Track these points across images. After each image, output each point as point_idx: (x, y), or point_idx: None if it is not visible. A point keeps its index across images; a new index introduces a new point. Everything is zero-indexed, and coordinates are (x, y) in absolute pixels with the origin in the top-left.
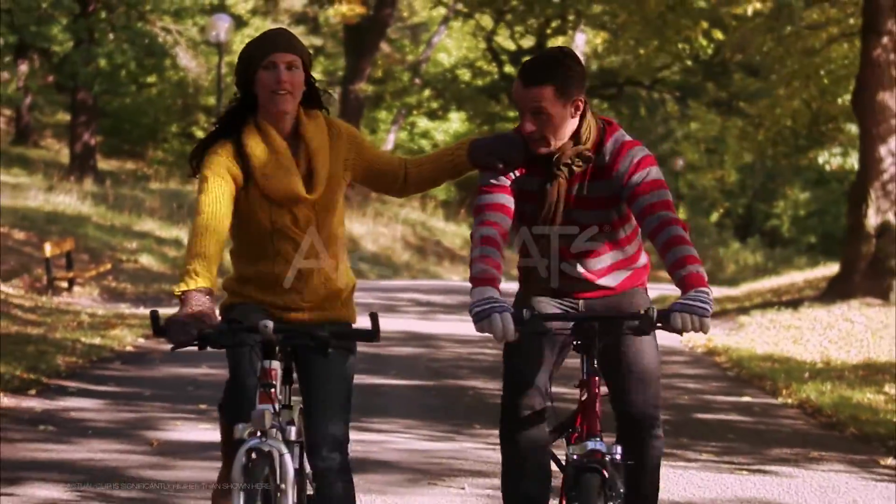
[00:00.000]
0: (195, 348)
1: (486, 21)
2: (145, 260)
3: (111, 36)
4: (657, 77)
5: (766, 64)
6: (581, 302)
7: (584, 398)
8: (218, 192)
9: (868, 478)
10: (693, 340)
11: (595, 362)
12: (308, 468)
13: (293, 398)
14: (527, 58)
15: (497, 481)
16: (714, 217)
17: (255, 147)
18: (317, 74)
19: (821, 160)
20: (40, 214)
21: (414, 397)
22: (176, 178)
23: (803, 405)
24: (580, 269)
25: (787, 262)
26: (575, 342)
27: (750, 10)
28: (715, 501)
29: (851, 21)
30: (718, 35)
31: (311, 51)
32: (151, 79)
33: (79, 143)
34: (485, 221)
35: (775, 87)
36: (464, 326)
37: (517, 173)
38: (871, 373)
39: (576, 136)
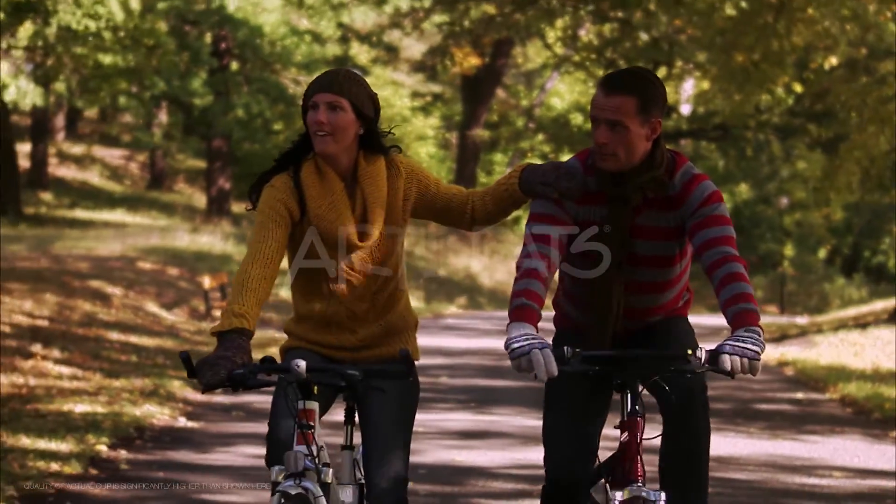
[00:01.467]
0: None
1: (597, 68)
2: (284, 293)
3: (245, 88)
4: (761, 119)
5: (844, 112)
6: (620, 337)
7: (624, 439)
8: (270, 230)
9: (874, 443)
10: (766, 354)
11: (637, 403)
12: None
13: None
14: None
15: None
16: (822, 254)
17: (312, 184)
18: (434, 120)
19: None
20: (188, 253)
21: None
22: None
23: (843, 399)
24: (631, 304)
25: (887, 295)
26: (615, 381)
27: (826, 66)
28: (750, 457)
29: None
30: (797, 88)
31: (427, 98)
32: (278, 126)
33: (214, 187)
34: (531, 254)
35: (852, 133)
36: None
37: (574, 205)
38: None
39: (650, 161)
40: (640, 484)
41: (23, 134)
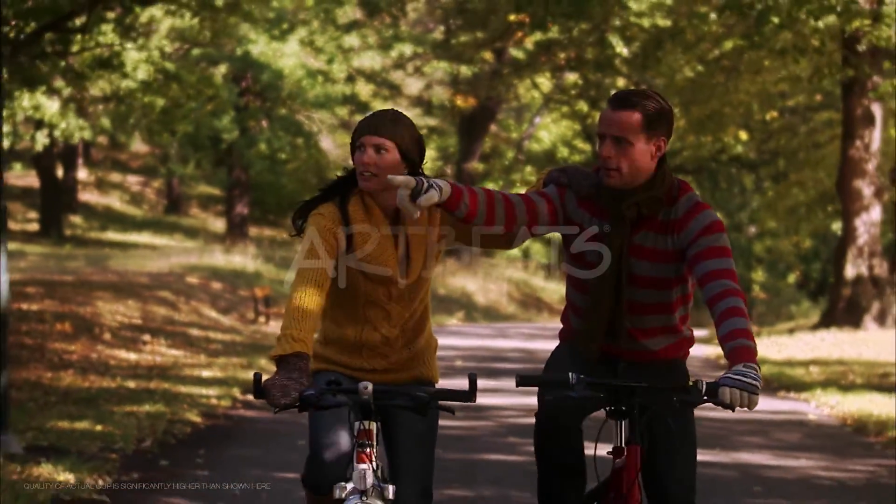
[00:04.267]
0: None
1: (582, 104)
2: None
3: (264, 123)
4: (719, 158)
5: (785, 155)
6: (621, 365)
7: (619, 466)
8: (321, 256)
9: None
10: (707, 349)
11: (636, 432)
12: None
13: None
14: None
15: None
16: (791, 279)
17: (358, 219)
18: (431, 151)
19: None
20: (226, 270)
21: None
22: None
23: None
24: (628, 323)
25: None
26: (611, 408)
27: (768, 118)
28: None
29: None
30: (743, 136)
31: (423, 130)
32: (285, 155)
33: (234, 213)
34: (503, 195)
35: (790, 172)
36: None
37: (574, 201)
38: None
39: (652, 182)
40: None
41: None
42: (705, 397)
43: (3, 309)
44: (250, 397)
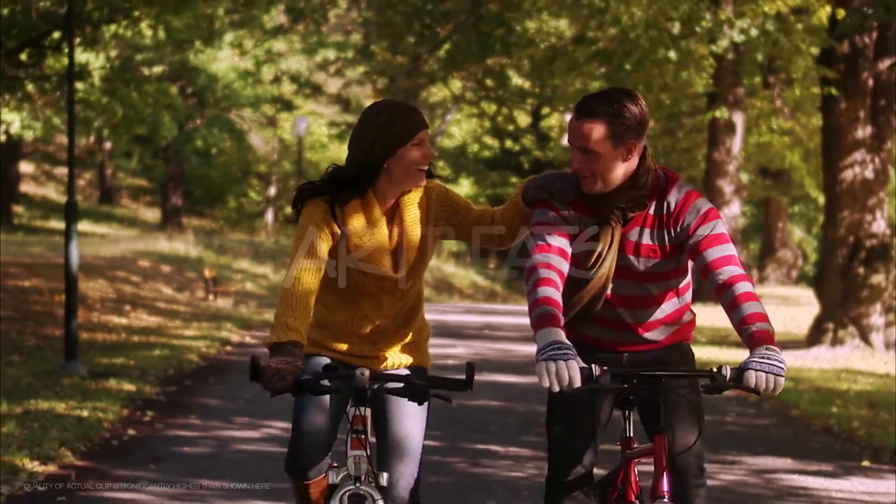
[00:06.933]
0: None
1: (489, 106)
2: (249, 286)
3: (199, 122)
4: None
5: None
6: (625, 355)
7: (630, 456)
8: (315, 244)
9: None
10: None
11: (661, 420)
12: None
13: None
14: (526, 134)
15: None
16: None
17: (355, 214)
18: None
19: None
20: (171, 255)
21: None
22: (243, 230)
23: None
24: (629, 318)
25: None
26: (623, 397)
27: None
28: None
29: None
30: None
31: (342, 127)
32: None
33: (168, 204)
34: (538, 264)
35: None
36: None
37: (571, 211)
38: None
39: (633, 181)
40: (666, 500)
41: None
42: (731, 382)
43: (74, 271)
44: (230, 348)
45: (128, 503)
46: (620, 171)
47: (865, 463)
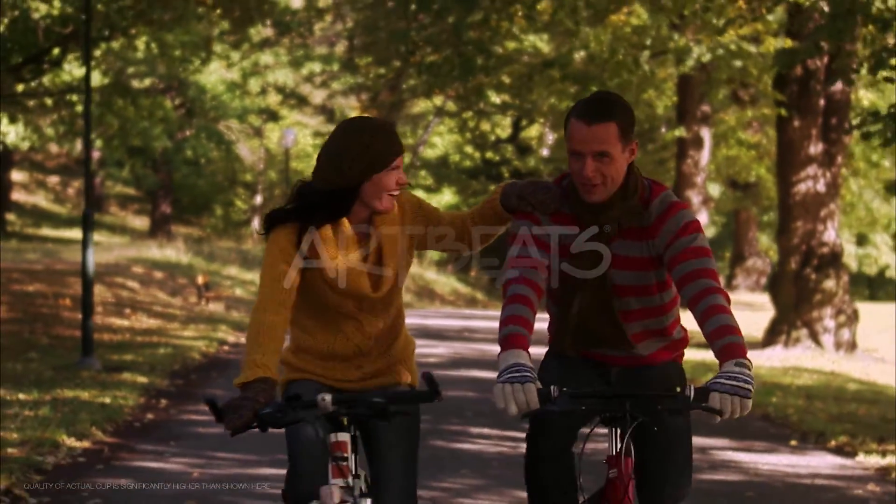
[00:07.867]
0: (256, 430)
1: (470, 117)
2: (238, 291)
3: (189, 133)
4: None
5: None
6: (614, 370)
7: (612, 476)
8: (281, 271)
9: None
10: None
11: (625, 442)
12: None
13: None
14: (507, 145)
15: None
16: None
17: (325, 238)
18: None
19: None
20: (163, 262)
21: None
22: (230, 238)
23: None
24: (615, 330)
25: None
26: (603, 416)
27: None
28: None
29: None
30: None
31: (326, 136)
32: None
33: (158, 212)
34: (513, 279)
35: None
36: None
37: (549, 220)
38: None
39: (623, 189)
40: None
41: None
42: (694, 403)
43: (91, 274)
44: (227, 347)
45: (156, 470)
46: (623, 175)
47: (793, 443)
